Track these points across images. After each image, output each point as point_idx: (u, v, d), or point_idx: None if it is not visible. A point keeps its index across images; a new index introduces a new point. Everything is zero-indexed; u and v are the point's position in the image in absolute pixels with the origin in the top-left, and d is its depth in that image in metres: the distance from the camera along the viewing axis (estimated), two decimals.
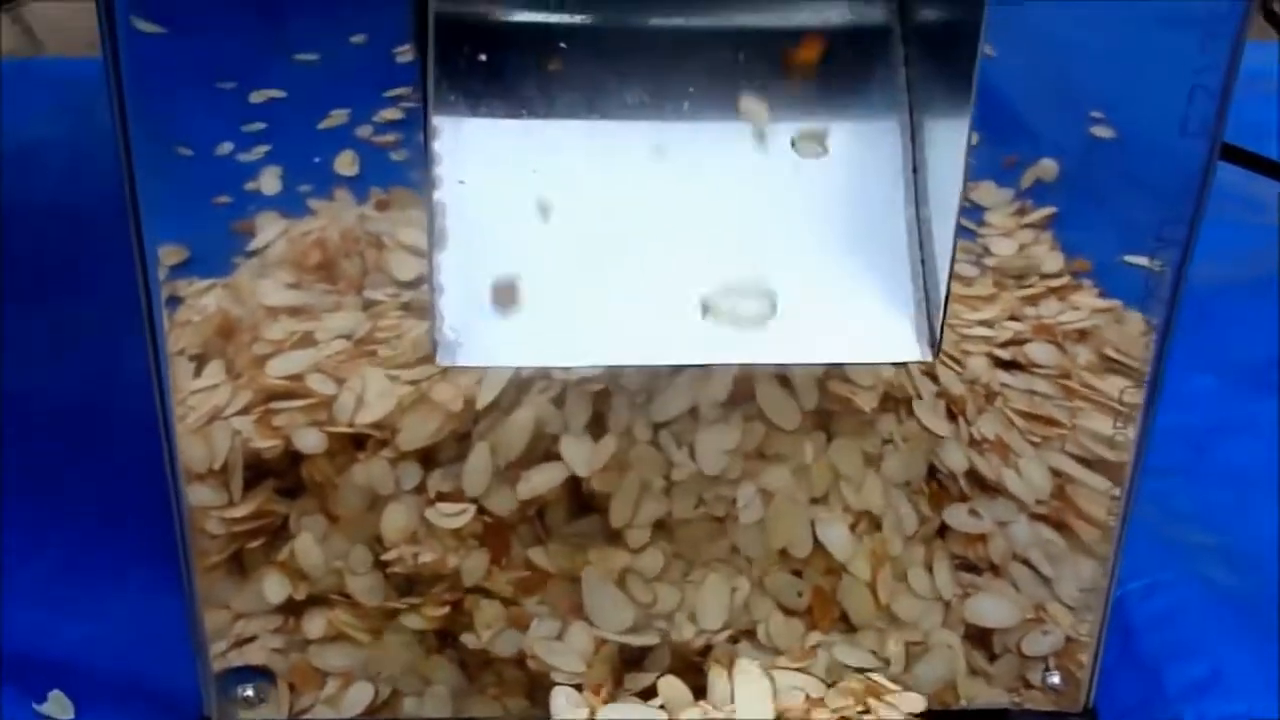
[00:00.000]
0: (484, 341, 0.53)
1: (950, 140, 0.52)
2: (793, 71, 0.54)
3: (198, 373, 0.53)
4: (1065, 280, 0.54)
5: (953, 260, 0.53)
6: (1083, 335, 0.55)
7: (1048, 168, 0.52)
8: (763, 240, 0.54)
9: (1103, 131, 0.51)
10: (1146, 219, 0.53)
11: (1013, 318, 0.55)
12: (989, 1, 0.49)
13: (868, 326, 0.54)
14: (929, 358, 0.54)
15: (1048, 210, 0.53)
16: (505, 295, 0.53)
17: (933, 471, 0.58)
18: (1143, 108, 0.51)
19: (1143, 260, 0.53)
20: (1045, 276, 0.54)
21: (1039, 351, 0.55)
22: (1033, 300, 0.55)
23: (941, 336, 0.54)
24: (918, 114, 0.55)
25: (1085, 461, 0.57)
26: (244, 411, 0.54)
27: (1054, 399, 0.56)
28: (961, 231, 0.53)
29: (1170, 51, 0.50)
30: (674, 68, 0.54)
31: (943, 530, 0.59)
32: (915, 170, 0.55)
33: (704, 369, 0.55)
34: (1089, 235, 0.54)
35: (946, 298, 0.53)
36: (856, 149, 0.55)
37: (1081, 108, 0.51)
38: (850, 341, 0.54)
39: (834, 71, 0.55)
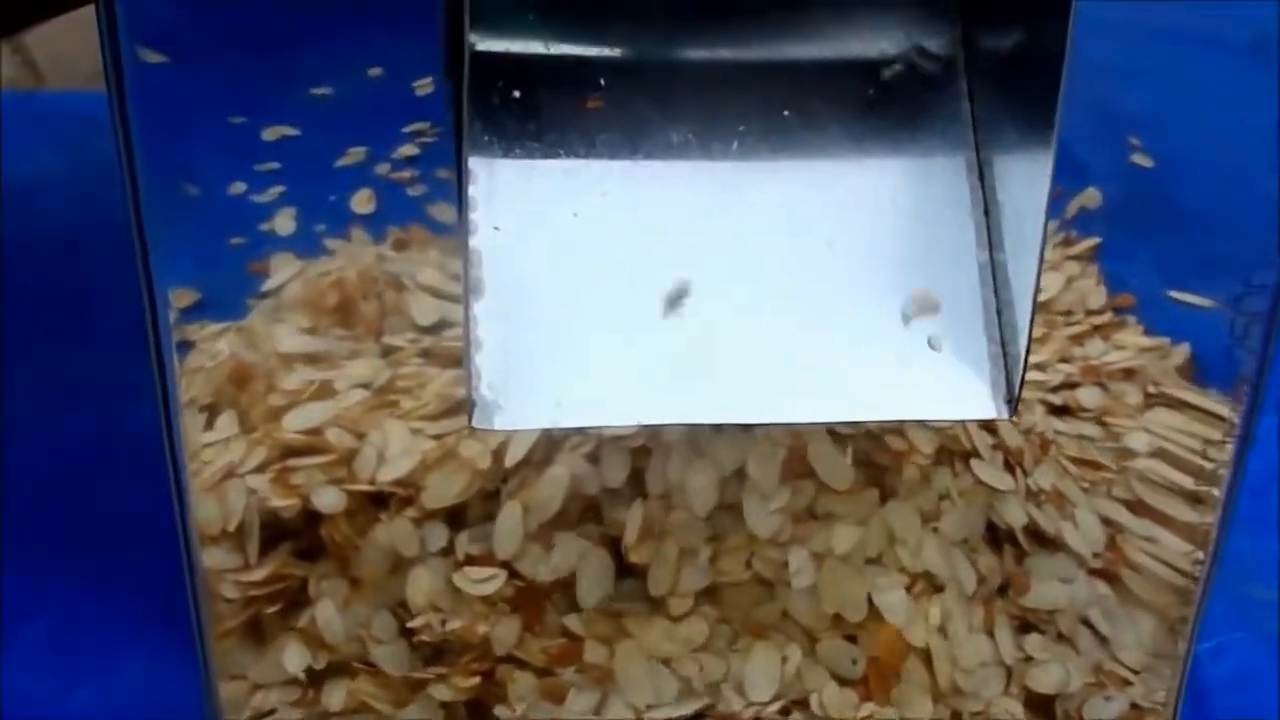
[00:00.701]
0: (522, 401, 0.50)
1: (1028, 177, 0.49)
2: (847, 102, 0.52)
3: (209, 425, 0.51)
4: (1109, 317, 0.52)
5: (1034, 308, 0.50)
6: (1129, 374, 0.53)
7: (1092, 196, 0.49)
8: (821, 288, 0.51)
9: (1143, 160, 0.48)
10: (1196, 253, 0.51)
11: (1063, 359, 0.52)
12: (1075, 27, 0.46)
13: (939, 380, 0.51)
14: (1006, 415, 0.51)
15: (1092, 241, 0.50)
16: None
17: (991, 528, 0.55)
18: (1191, 134, 0.49)
19: (1191, 297, 0.51)
20: (1090, 313, 0.52)
21: (1089, 396, 0.53)
22: (1079, 339, 0.52)
23: (1020, 391, 0.51)
24: (986, 150, 0.52)
25: (1160, 519, 0.55)
26: (259, 469, 0.52)
27: (1106, 444, 0.54)
28: None
29: (1219, 74, 0.48)
30: (722, 104, 0.52)
31: (1003, 589, 0.56)
32: (986, 211, 0.52)
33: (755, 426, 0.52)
34: (1132, 267, 0.51)
35: (1027, 349, 0.50)
36: (920, 189, 0.52)
37: (1124, 133, 0.48)
38: (920, 397, 0.51)
39: (893, 106, 0.52)
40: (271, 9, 0.46)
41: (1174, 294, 0.51)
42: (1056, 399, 0.53)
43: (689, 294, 0.50)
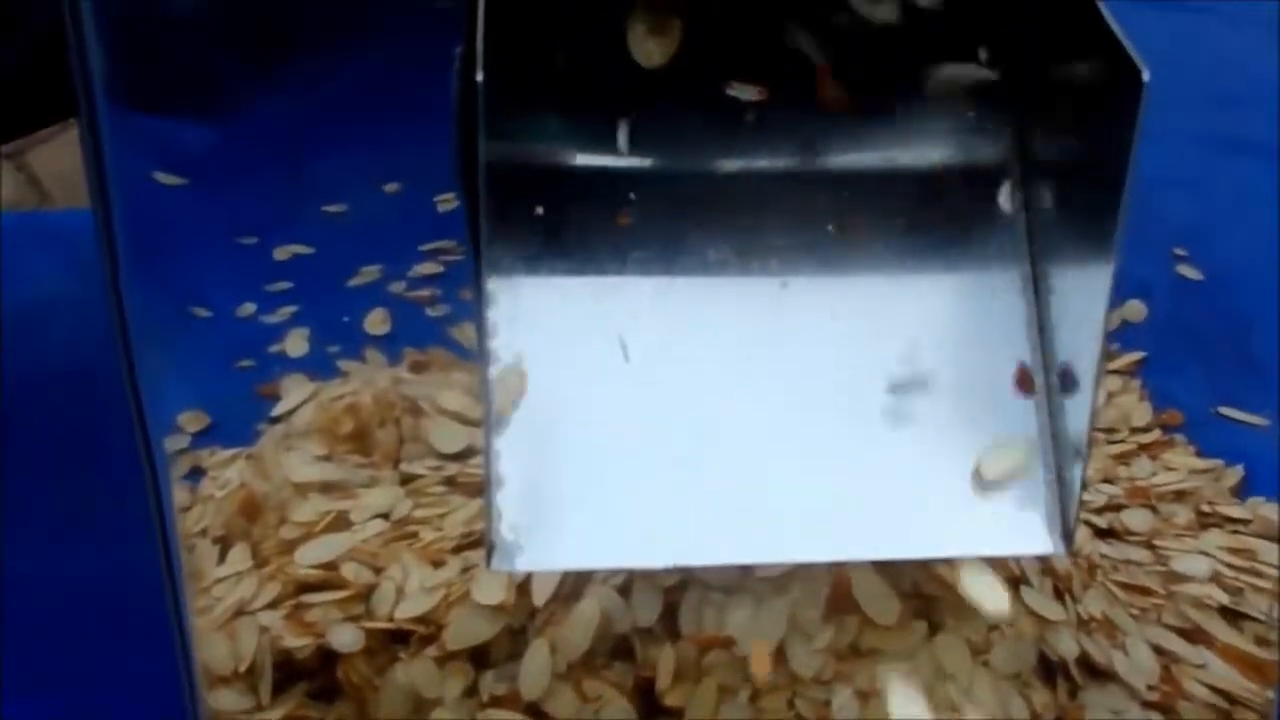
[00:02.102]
0: (545, 540, 0.47)
1: (1085, 293, 0.46)
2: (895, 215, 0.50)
3: (222, 558, 0.50)
4: (1156, 435, 0.50)
5: (1090, 433, 0.47)
6: (1180, 495, 0.50)
7: (1135, 309, 0.47)
8: (868, 415, 0.49)
9: (1190, 272, 0.47)
10: (1246, 368, 0.50)
11: (1106, 480, 0.50)
12: (1140, 137, 0.44)
13: (992, 512, 0.48)
14: (1063, 551, 0.48)
15: (1136, 355, 0.48)
16: None
17: (1042, 659, 0.52)
18: (1238, 244, 0.47)
19: (1242, 414, 0.49)
20: (1135, 430, 0.50)
21: (1137, 519, 0.51)
22: (1124, 458, 0.50)
23: (1077, 524, 0.48)
24: (1041, 264, 0.49)
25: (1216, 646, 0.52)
26: (272, 605, 0.50)
27: (1155, 568, 0.51)
28: None
29: (1262, 182, 0.46)
30: (762, 218, 0.49)
31: None
32: (1041, 329, 0.50)
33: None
34: (1179, 383, 0.50)
35: (1083, 480, 0.47)
36: (972, 305, 0.50)
37: (1169, 243, 0.47)
38: (974, 532, 0.48)
39: (943, 219, 0.50)
40: (283, 123, 0.45)
41: (1224, 410, 0.49)
42: (1102, 521, 0.50)
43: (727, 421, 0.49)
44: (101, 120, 0.43)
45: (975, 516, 0.48)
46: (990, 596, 0.51)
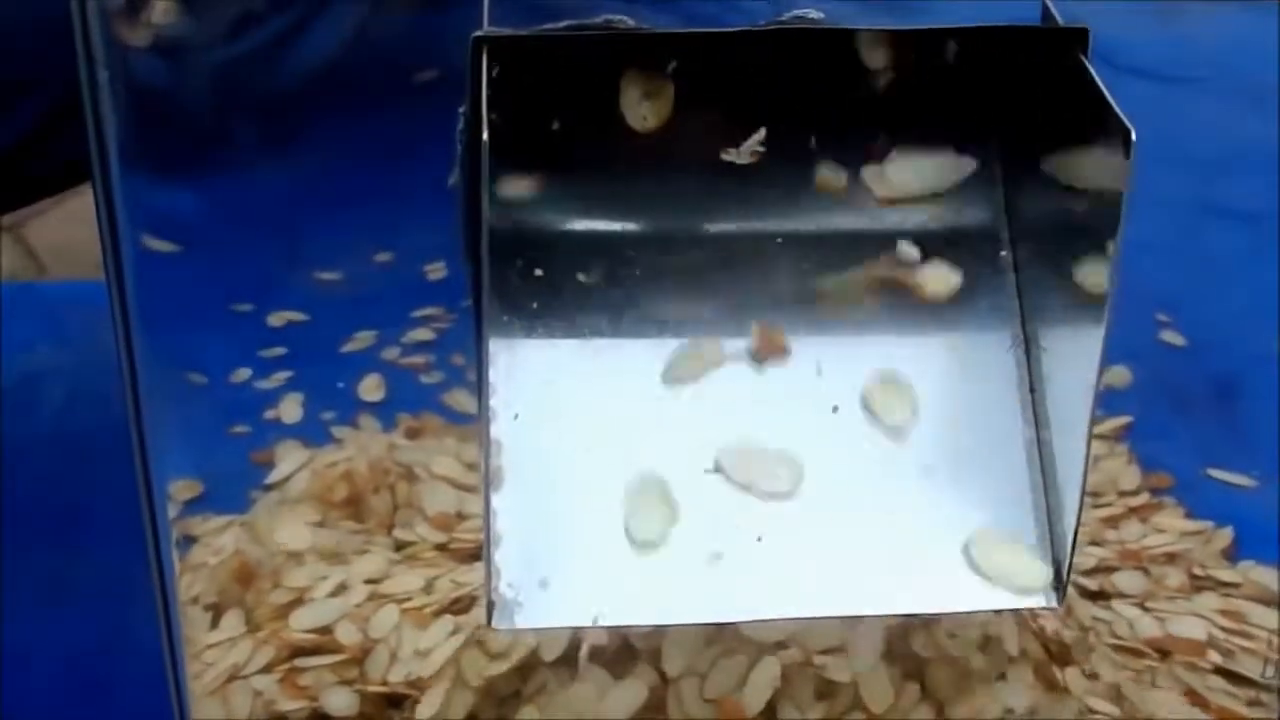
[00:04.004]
0: (545, 599, 0.47)
1: (1076, 352, 0.46)
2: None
3: (214, 624, 0.49)
4: (1145, 498, 0.50)
5: (1083, 490, 0.47)
6: (1170, 558, 0.50)
7: (1120, 374, 0.48)
8: (860, 472, 0.49)
9: (1174, 338, 0.47)
10: (1233, 430, 0.49)
11: (1093, 542, 0.50)
12: (1128, 198, 0.44)
13: (987, 567, 0.48)
14: (1055, 604, 0.48)
15: (1122, 420, 0.48)
16: None
17: None
18: (1213, 310, 0.47)
19: (1230, 475, 0.49)
20: (1124, 494, 0.50)
21: (1129, 581, 0.51)
22: (1113, 522, 0.50)
23: (1069, 578, 0.48)
24: (1033, 324, 0.49)
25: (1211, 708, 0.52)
26: (266, 669, 0.49)
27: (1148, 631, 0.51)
28: None
29: (1233, 246, 0.47)
30: (754, 278, 0.50)
31: None
32: (1032, 388, 0.49)
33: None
34: (1166, 447, 0.49)
35: (1075, 533, 0.47)
36: (963, 365, 0.50)
37: (1151, 309, 0.47)
38: (964, 587, 0.48)
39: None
40: (278, 192, 0.45)
41: (1213, 473, 0.49)
42: (1092, 584, 0.50)
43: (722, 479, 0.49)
44: (116, 187, 0.44)
45: (968, 572, 0.48)
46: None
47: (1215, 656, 0.51)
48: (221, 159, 0.45)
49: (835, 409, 0.49)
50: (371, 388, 0.47)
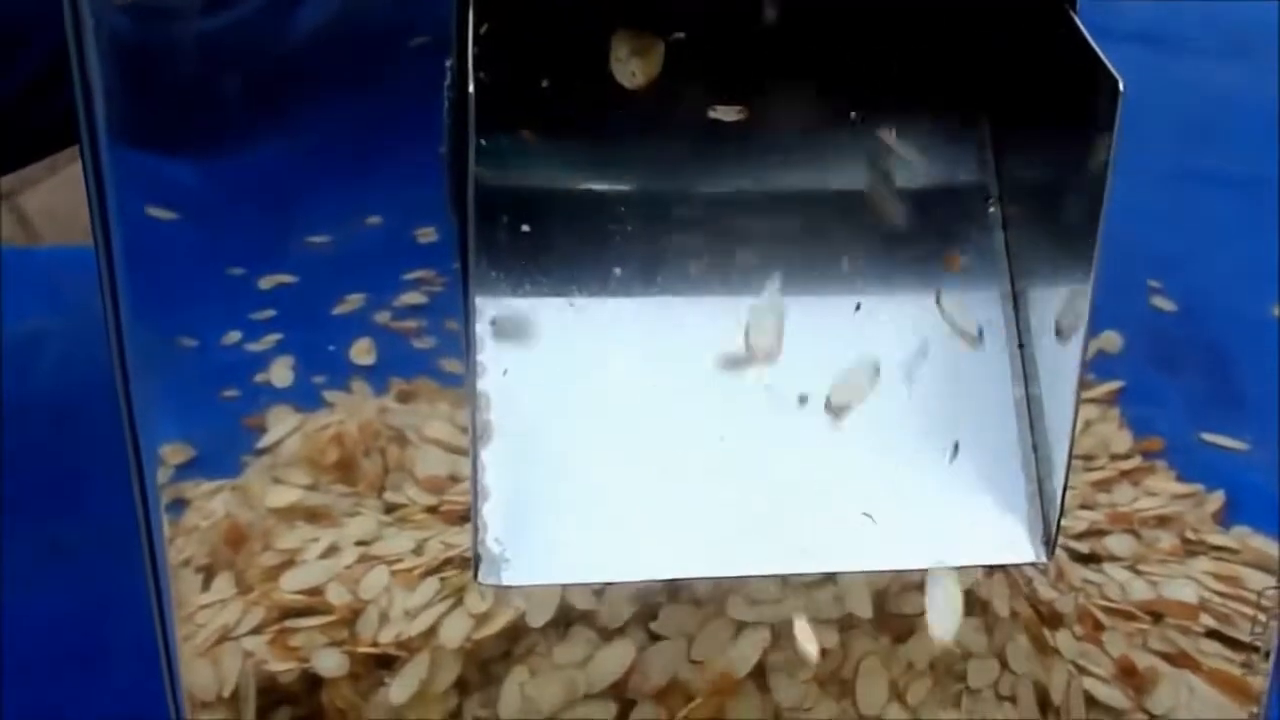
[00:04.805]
0: (531, 554, 0.48)
1: (1065, 308, 0.47)
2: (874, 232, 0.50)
3: (205, 586, 0.49)
4: (1137, 461, 0.50)
5: (1071, 444, 0.47)
6: (1162, 521, 0.50)
7: (1111, 340, 0.48)
8: (850, 429, 0.49)
9: (1165, 303, 0.47)
10: (1225, 394, 0.49)
11: (1084, 506, 0.50)
12: (1115, 150, 0.44)
13: (974, 524, 0.49)
14: (1044, 559, 0.49)
15: (1114, 385, 0.48)
16: None
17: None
18: (1209, 274, 0.47)
19: (1223, 439, 0.49)
20: (1115, 458, 0.50)
21: (1120, 544, 0.51)
22: (1104, 485, 0.50)
23: (1058, 533, 0.48)
24: (1021, 281, 0.49)
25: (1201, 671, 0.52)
26: (256, 630, 0.49)
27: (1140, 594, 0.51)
28: None
29: (1225, 211, 0.47)
30: (744, 235, 0.50)
31: None
32: (1021, 344, 0.50)
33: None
34: (1159, 412, 0.49)
35: (1064, 490, 0.48)
36: (952, 321, 0.50)
37: (1142, 275, 0.47)
38: (955, 542, 0.49)
39: (923, 236, 0.50)
40: (268, 160, 0.45)
41: (1205, 436, 0.49)
42: (1082, 547, 0.50)
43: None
44: (103, 151, 0.43)
45: (957, 526, 0.49)
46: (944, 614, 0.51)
47: (1209, 620, 0.51)
48: (212, 124, 0.44)
49: (824, 368, 0.50)
50: (363, 351, 0.46)
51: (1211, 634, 0.52)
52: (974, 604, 0.51)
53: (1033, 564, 0.49)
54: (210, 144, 0.44)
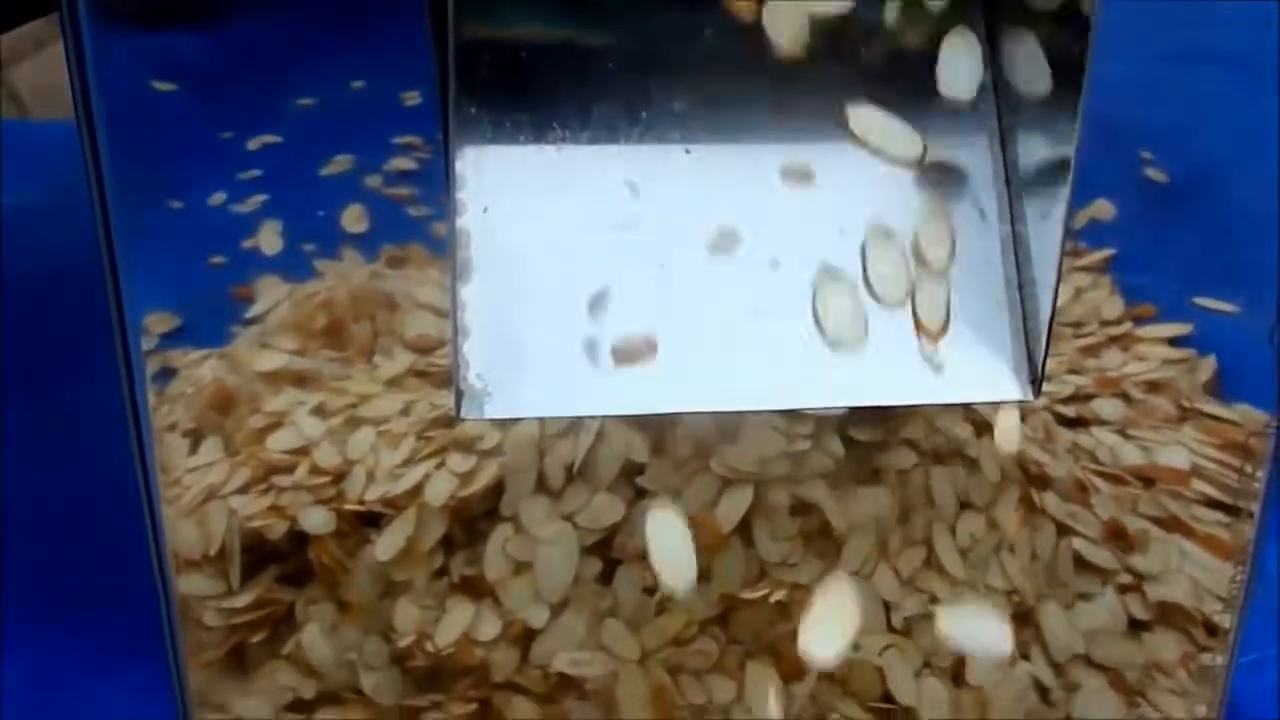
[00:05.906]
0: (513, 389, 0.48)
1: (1052, 143, 0.47)
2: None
3: (193, 450, 0.49)
4: (1127, 328, 0.50)
5: (1058, 283, 0.47)
6: (1154, 387, 0.50)
7: (1103, 208, 0.47)
8: (834, 269, 0.49)
9: (1158, 174, 0.46)
10: (1217, 260, 0.49)
11: (1072, 370, 0.50)
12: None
13: (959, 362, 0.49)
14: (1031, 397, 0.49)
15: (1104, 253, 0.48)
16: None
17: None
18: (1202, 146, 0.47)
19: (1214, 303, 0.49)
20: (1105, 324, 0.50)
21: (1109, 408, 0.51)
22: (1093, 351, 0.50)
23: (1044, 372, 0.49)
24: (1009, 117, 0.49)
25: (1195, 535, 0.53)
26: (243, 489, 0.49)
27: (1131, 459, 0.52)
28: None
29: (1222, 86, 0.46)
30: (728, 80, 0.49)
31: None
32: (1008, 181, 0.49)
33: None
34: (1151, 280, 0.49)
35: (1050, 325, 0.48)
36: (939, 158, 0.50)
37: (1135, 147, 0.47)
38: (940, 380, 0.49)
39: (909, 73, 0.49)
40: (250, 23, 0.43)
41: (1198, 300, 0.49)
42: (1069, 410, 0.50)
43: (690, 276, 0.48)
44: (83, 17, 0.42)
45: (942, 365, 0.49)
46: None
47: (1202, 486, 0.52)
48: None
49: (808, 208, 0.49)
50: (354, 218, 0.46)
51: (1206, 501, 0.52)
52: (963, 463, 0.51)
53: (1020, 402, 0.49)
54: (204, 16, 0.43)
